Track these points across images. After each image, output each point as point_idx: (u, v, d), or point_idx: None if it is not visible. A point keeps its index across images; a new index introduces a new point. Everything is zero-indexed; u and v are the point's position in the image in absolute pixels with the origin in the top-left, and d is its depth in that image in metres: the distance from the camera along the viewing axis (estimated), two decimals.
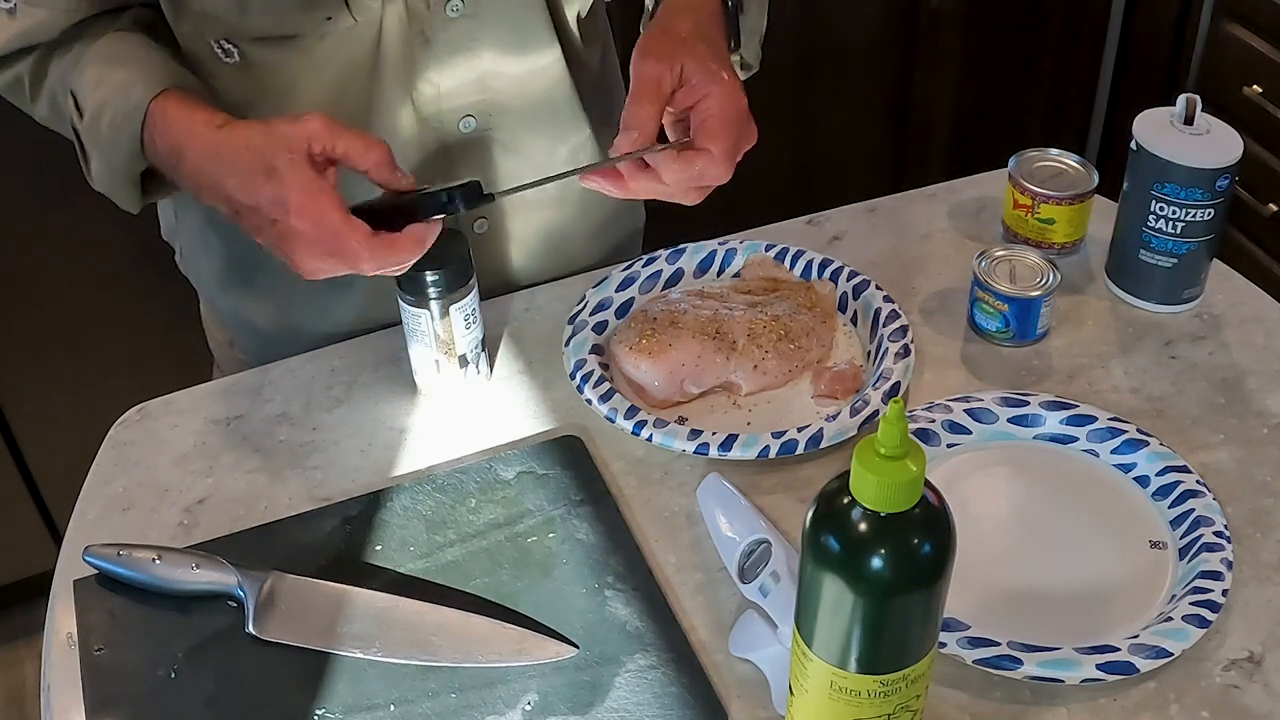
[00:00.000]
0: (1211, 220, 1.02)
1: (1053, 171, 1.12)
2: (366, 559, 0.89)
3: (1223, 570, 0.83)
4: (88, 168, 0.97)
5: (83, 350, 1.85)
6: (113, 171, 0.94)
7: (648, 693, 0.80)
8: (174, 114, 0.90)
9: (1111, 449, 0.94)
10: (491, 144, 1.06)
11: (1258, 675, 0.80)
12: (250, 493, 0.95)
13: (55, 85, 0.97)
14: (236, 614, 0.84)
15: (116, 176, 0.94)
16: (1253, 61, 1.90)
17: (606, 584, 0.86)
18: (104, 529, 0.93)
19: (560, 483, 0.94)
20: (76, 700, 0.81)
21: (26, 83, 0.98)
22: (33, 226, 1.73)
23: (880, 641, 0.66)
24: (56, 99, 0.97)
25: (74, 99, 0.95)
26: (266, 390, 1.04)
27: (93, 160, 0.95)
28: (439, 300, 0.95)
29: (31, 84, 0.98)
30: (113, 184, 0.95)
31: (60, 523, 1.87)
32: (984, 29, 2.21)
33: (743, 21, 1.03)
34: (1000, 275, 1.03)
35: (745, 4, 1.03)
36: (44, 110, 0.99)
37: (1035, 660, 0.78)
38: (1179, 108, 1.02)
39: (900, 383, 0.97)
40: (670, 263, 1.11)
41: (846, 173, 2.23)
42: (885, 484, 0.62)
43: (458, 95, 1.02)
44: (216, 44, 0.97)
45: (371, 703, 0.80)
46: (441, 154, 1.05)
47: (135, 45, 0.95)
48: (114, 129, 0.92)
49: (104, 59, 0.94)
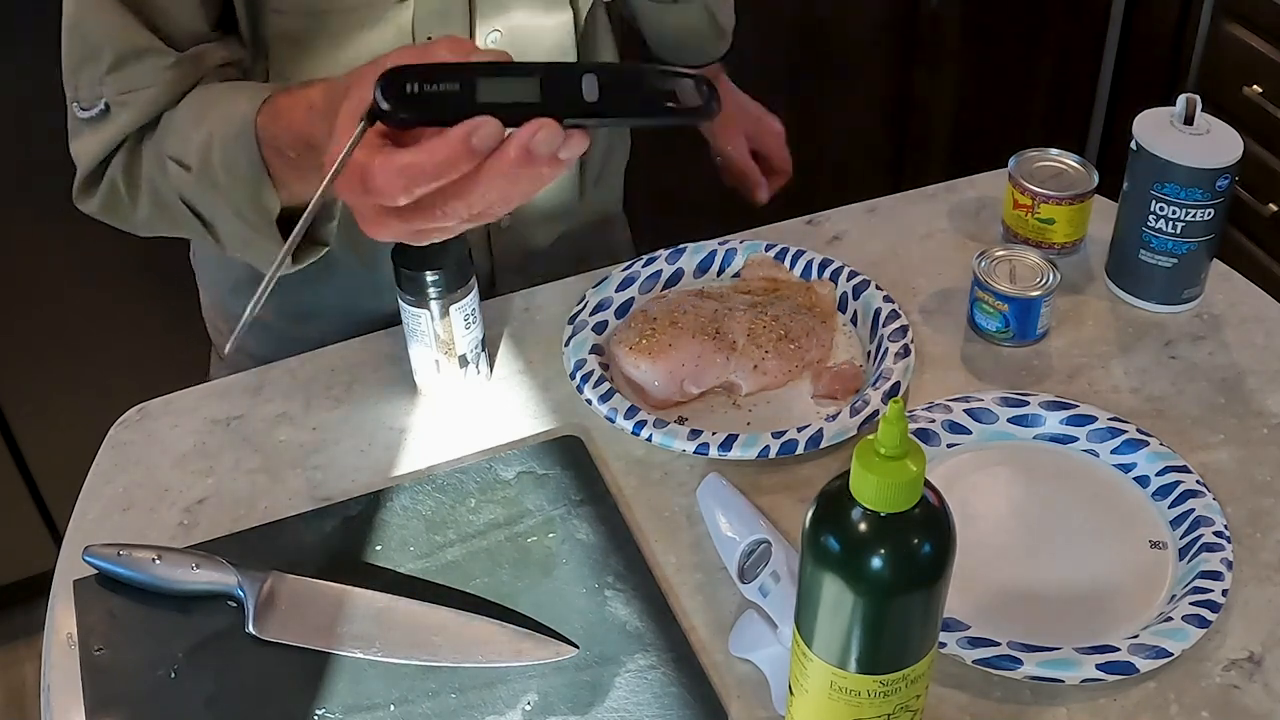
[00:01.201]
0: (1211, 220, 1.02)
1: (1053, 171, 1.12)
2: (366, 559, 0.89)
3: (1223, 570, 0.83)
4: (215, 233, 0.90)
5: (83, 350, 1.85)
6: (245, 218, 0.86)
7: (648, 693, 0.80)
8: (284, 106, 0.81)
9: (1111, 449, 0.94)
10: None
11: (1258, 675, 0.80)
12: (250, 493, 0.95)
13: (151, 169, 0.91)
14: (236, 614, 0.84)
15: (250, 222, 0.85)
16: (1253, 61, 1.90)
17: (606, 584, 0.86)
18: (104, 529, 0.93)
19: (560, 483, 0.94)
20: (76, 700, 0.81)
21: (122, 185, 0.92)
22: (33, 227, 1.73)
23: (880, 641, 0.66)
24: (156, 184, 0.91)
25: (175, 161, 0.88)
26: (266, 390, 1.04)
27: (218, 221, 0.88)
28: (439, 300, 0.95)
29: (128, 184, 0.92)
30: (250, 236, 0.86)
31: (60, 523, 1.87)
32: (984, 29, 2.21)
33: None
34: (1000, 275, 1.03)
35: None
36: (146, 208, 0.93)
37: (1035, 660, 0.78)
38: (1179, 108, 1.02)
39: (900, 383, 0.97)
40: (670, 263, 1.11)
41: (846, 173, 2.23)
42: (885, 484, 0.62)
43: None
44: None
45: (371, 703, 0.80)
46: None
47: (222, 84, 0.91)
48: (228, 157, 0.84)
49: (191, 105, 0.89)
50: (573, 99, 0.65)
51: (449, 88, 0.64)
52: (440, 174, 0.65)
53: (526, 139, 0.64)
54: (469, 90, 0.65)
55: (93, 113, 0.91)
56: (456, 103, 0.64)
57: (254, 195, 0.84)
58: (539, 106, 0.64)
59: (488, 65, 0.66)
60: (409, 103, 0.64)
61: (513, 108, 0.64)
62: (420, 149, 0.64)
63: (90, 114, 0.91)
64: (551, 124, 0.64)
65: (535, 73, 0.66)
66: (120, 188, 0.93)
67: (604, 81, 0.66)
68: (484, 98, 0.64)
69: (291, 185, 0.84)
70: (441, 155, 0.64)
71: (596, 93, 0.66)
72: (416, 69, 0.65)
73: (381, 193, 0.66)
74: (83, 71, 0.91)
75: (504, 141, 0.64)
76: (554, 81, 0.66)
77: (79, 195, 0.95)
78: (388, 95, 0.64)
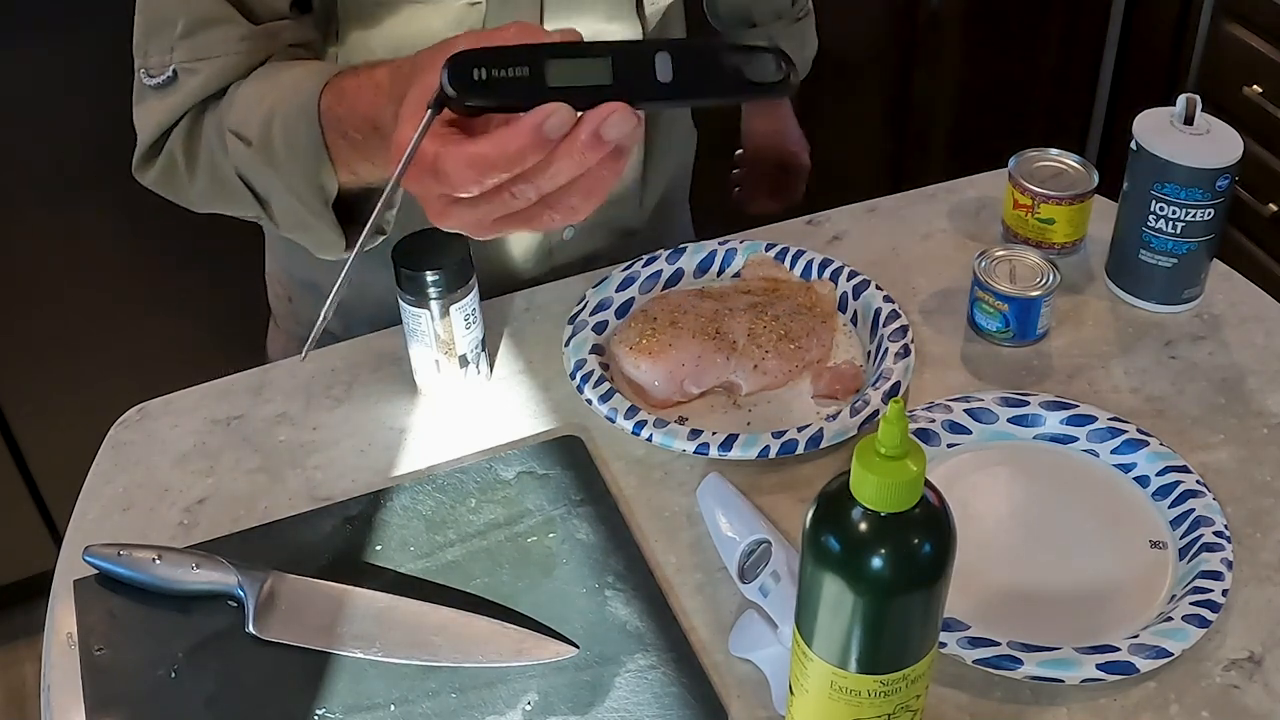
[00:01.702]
0: (1211, 220, 1.02)
1: (1053, 171, 1.12)
2: (366, 559, 0.89)
3: (1223, 570, 0.83)
4: (269, 211, 0.90)
5: (83, 350, 1.85)
6: (301, 198, 0.85)
7: (648, 693, 0.80)
8: (350, 87, 0.80)
9: (1111, 449, 0.94)
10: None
11: (1258, 675, 0.80)
12: (250, 493, 0.95)
13: (211, 142, 0.90)
14: (236, 614, 0.84)
15: (306, 203, 0.85)
16: (1253, 61, 1.90)
17: (606, 584, 0.86)
18: (104, 529, 0.93)
19: (560, 483, 0.94)
20: (76, 700, 0.81)
21: (181, 158, 0.92)
22: (33, 227, 1.73)
23: (880, 641, 0.66)
24: (215, 158, 0.90)
25: (235, 135, 0.87)
26: (266, 390, 1.04)
27: (273, 197, 0.88)
28: (439, 300, 0.95)
29: (186, 157, 0.92)
30: (305, 217, 0.86)
31: (60, 523, 1.87)
32: (984, 29, 2.21)
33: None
34: (1000, 275, 1.03)
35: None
36: (203, 182, 0.93)
37: (1035, 660, 0.78)
38: (1179, 108, 1.02)
39: (900, 383, 0.97)
40: (670, 263, 1.11)
41: (846, 173, 2.22)
42: (885, 484, 0.62)
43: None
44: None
45: (372, 703, 0.80)
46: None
47: (289, 61, 0.90)
48: (289, 134, 0.83)
49: (258, 80, 0.88)
50: (646, 80, 0.64)
51: (518, 72, 0.63)
52: (512, 165, 0.64)
53: (597, 123, 0.63)
54: (538, 74, 0.63)
55: (160, 79, 0.91)
56: (526, 88, 0.63)
57: (311, 175, 0.83)
58: (611, 89, 0.63)
59: (556, 46, 0.64)
60: (477, 89, 0.63)
61: (584, 91, 0.63)
62: (491, 139, 0.63)
63: (157, 81, 0.91)
64: (624, 108, 0.63)
65: (606, 53, 0.64)
66: (179, 160, 0.92)
67: (678, 60, 0.64)
68: (554, 81, 0.63)
69: (354, 166, 0.83)
70: (513, 146, 0.63)
71: (671, 72, 0.64)
72: (484, 53, 0.64)
73: (452, 184, 0.65)
74: (153, 38, 0.91)
75: (575, 125, 0.63)
76: (626, 62, 0.64)
77: (138, 166, 0.96)
78: (455, 82, 0.63)
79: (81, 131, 1.68)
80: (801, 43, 1.35)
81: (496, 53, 0.64)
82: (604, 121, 0.63)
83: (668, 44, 0.65)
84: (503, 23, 0.95)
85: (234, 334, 1.92)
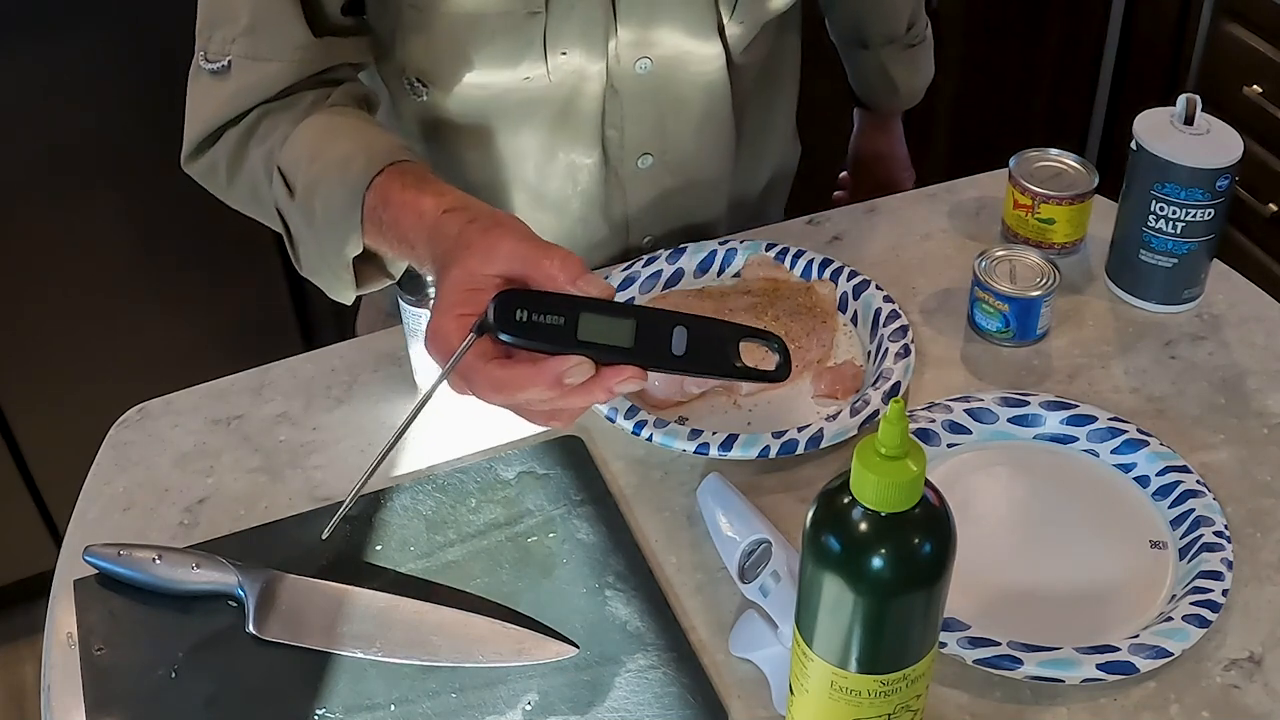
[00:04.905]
0: (1211, 220, 1.02)
1: (1053, 171, 1.12)
2: (366, 559, 0.89)
3: (1223, 570, 0.83)
4: (295, 252, 0.93)
5: (83, 350, 1.85)
6: (325, 257, 0.89)
7: (648, 693, 0.80)
8: (396, 200, 0.83)
9: (1111, 449, 0.94)
10: (663, 174, 1.10)
11: (1258, 675, 0.80)
12: (250, 493, 0.95)
13: (257, 167, 0.92)
14: (236, 614, 0.84)
15: (329, 262, 0.89)
16: (1253, 61, 1.89)
17: (607, 584, 0.86)
18: (104, 529, 0.93)
19: (560, 483, 0.94)
20: (76, 700, 0.81)
21: (224, 172, 0.94)
22: (33, 226, 1.73)
23: (880, 641, 0.66)
24: (258, 183, 0.93)
25: (282, 176, 0.90)
26: (266, 390, 1.04)
27: (301, 245, 0.91)
28: None
29: (229, 174, 0.94)
30: (324, 271, 0.91)
31: (60, 523, 1.87)
32: (984, 29, 2.21)
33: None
34: (1000, 275, 1.03)
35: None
36: (241, 198, 0.96)
37: (1035, 660, 0.78)
38: (1179, 108, 1.02)
39: (900, 383, 0.97)
40: (670, 263, 1.11)
41: None
42: (885, 484, 0.62)
43: (639, 139, 1.07)
44: (408, 81, 0.99)
45: (372, 703, 0.80)
46: (617, 186, 1.09)
47: (350, 119, 0.92)
48: (329, 209, 0.86)
49: (316, 132, 0.90)
50: (661, 350, 0.72)
51: (554, 320, 0.71)
52: (529, 395, 0.72)
53: (613, 382, 0.72)
54: (571, 326, 0.71)
55: (216, 65, 0.92)
56: (558, 335, 0.71)
57: (342, 246, 0.88)
58: (630, 352, 0.72)
59: (591, 302, 0.72)
60: (517, 328, 0.71)
61: (606, 349, 0.71)
62: (518, 372, 0.71)
63: (214, 66, 0.92)
64: (638, 372, 0.72)
65: (631, 316, 0.73)
66: (221, 172, 0.95)
67: (692, 337, 0.73)
68: (583, 335, 0.71)
69: (382, 249, 0.87)
70: (535, 383, 0.71)
71: (684, 347, 0.73)
72: (528, 296, 0.72)
73: (476, 393, 0.74)
74: (216, 29, 0.92)
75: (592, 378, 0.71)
76: (647, 329, 0.73)
77: (187, 160, 0.97)
78: (499, 319, 0.71)
79: (81, 132, 1.68)
80: (914, 70, 1.36)
81: (539, 298, 0.72)
82: (619, 382, 0.72)
83: (687, 319, 0.73)
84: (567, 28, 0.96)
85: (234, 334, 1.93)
